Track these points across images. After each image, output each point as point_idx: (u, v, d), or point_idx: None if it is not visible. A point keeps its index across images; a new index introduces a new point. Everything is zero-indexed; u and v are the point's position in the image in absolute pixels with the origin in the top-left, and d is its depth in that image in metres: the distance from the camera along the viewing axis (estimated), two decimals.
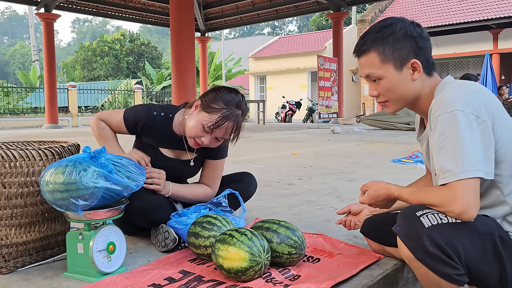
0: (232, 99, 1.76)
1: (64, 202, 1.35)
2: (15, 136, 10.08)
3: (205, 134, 1.74)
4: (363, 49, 1.34)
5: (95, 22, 73.23)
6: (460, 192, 1.12)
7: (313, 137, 8.56)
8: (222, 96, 1.76)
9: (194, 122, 1.75)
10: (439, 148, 1.19)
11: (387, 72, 1.31)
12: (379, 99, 1.37)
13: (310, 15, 36.78)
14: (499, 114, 1.21)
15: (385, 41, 1.30)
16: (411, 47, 1.29)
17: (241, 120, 1.78)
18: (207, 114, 1.73)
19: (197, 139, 1.75)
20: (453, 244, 1.12)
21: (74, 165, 1.36)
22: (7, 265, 1.48)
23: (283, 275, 1.42)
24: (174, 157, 1.93)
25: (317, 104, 13.65)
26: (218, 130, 1.73)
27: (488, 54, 12.49)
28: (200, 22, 17.15)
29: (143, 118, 1.85)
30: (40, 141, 1.84)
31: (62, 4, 14.54)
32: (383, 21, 1.34)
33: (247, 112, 1.94)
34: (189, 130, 1.76)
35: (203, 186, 1.97)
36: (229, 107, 1.73)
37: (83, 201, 1.34)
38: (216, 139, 1.77)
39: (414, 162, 4.32)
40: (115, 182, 1.39)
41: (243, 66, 27.84)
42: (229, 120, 1.72)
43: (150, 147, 1.88)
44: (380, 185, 1.36)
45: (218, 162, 1.98)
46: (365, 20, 20.25)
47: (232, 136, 1.80)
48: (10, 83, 27.00)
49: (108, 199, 1.41)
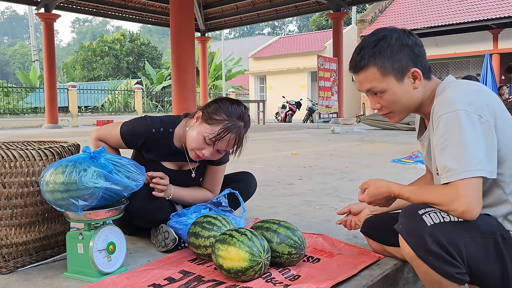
0: (234, 110, 1.72)
1: (64, 202, 1.35)
2: (15, 136, 10.08)
3: (207, 146, 1.70)
4: (361, 64, 1.32)
5: (95, 22, 73.24)
6: (463, 191, 1.13)
7: (313, 137, 8.56)
8: (224, 107, 1.72)
9: (196, 134, 1.71)
10: (441, 147, 1.19)
11: (389, 85, 1.30)
12: (382, 111, 1.37)
13: (310, 15, 36.78)
14: (501, 114, 1.22)
15: (383, 55, 1.29)
16: (408, 56, 1.29)
17: (244, 132, 1.73)
18: (208, 125, 1.69)
19: (198, 151, 1.71)
20: (455, 242, 1.12)
21: (74, 165, 1.36)
22: (7, 265, 1.48)
23: (283, 275, 1.42)
24: (176, 168, 1.90)
25: (317, 104, 13.65)
26: (220, 143, 1.68)
27: (488, 54, 12.48)
28: (200, 22, 17.15)
29: (142, 136, 1.79)
30: (40, 141, 1.84)
31: (62, 4, 14.54)
32: (375, 34, 1.33)
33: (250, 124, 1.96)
34: (190, 142, 1.73)
35: (203, 190, 1.96)
36: (231, 118, 1.69)
37: (83, 201, 1.34)
38: (218, 152, 1.74)
39: (414, 162, 4.32)
40: (115, 182, 1.39)
41: (243, 66, 27.85)
42: (231, 132, 1.68)
43: (151, 161, 1.85)
44: (381, 183, 1.36)
45: (219, 168, 1.96)
46: (365, 20, 20.25)
47: (234, 148, 1.76)
48: (10, 83, 27.02)
49: (108, 199, 1.41)
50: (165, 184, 1.75)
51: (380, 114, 1.40)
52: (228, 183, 2.06)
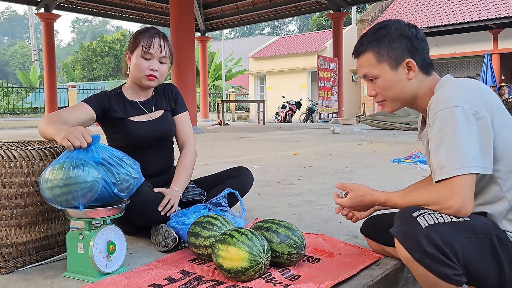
0: (147, 28, 1.94)
1: (64, 198, 1.36)
2: (15, 136, 10.08)
3: (149, 62, 1.87)
4: (360, 50, 1.39)
5: (95, 22, 73.24)
6: (457, 188, 1.13)
7: (313, 137, 8.56)
8: (137, 32, 1.96)
9: (134, 61, 1.88)
10: (437, 144, 1.19)
11: (383, 71, 1.35)
12: (377, 98, 1.41)
13: (310, 15, 36.79)
14: (498, 111, 1.22)
15: (380, 42, 1.34)
16: (406, 47, 1.33)
17: (165, 36, 1.93)
18: (136, 49, 1.88)
19: (147, 71, 1.87)
20: (451, 243, 1.12)
21: (71, 160, 1.37)
22: (7, 265, 1.48)
23: (283, 275, 1.42)
24: (147, 120, 1.97)
25: (317, 104, 13.65)
26: (154, 49, 1.86)
27: (488, 54, 12.51)
28: (200, 22, 17.15)
29: (102, 96, 1.93)
30: (40, 141, 1.84)
31: (62, 4, 14.55)
32: (379, 23, 1.39)
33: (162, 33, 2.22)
34: (136, 71, 1.88)
35: (184, 156, 2.02)
36: (146, 32, 1.90)
37: (83, 196, 1.35)
38: (161, 63, 1.90)
39: (414, 162, 4.32)
40: (113, 174, 1.41)
41: (243, 66, 27.85)
42: (155, 37, 1.88)
43: (120, 120, 1.91)
44: (365, 190, 1.38)
45: (183, 116, 2.09)
46: (365, 20, 20.24)
47: (167, 53, 1.91)
48: (10, 83, 27.06)
49: (106, 195, 1.41)
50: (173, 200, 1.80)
51: (376, 102, 1.44)
52: (225, 179, 2.07)
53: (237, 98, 23.59)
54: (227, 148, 6.38)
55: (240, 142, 7.55)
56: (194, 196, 2.01)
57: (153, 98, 2.02)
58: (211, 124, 14.71)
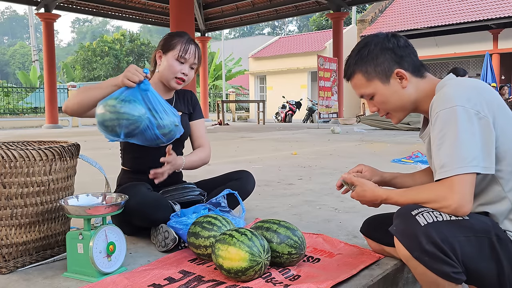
0: (182, 32, 2.01)
1: (111, 123, 1.56)
2: (15, 136, 10.07)
3: (182, 66, 1.94)
4: (348, 73, 1.42)
5: (95, 22, 73.22)
6: (457, 187, 1.14)
7: (313, 137, 8.56)
8: (172, 34, 2.01)
9: (167, 63, 1.94)
10: (438, 143, 1.19)
11: (376, 88, 1.37)
12: (381, 113, 1.44)
13: (310, 15, 36.79)
14: (501, 110, 1.22)
15: (365, 61, 1.37)
16: (391, 58, 1.35)
17: (197, 44, 2.03)
18: (171, 51, 1.94)
19: (178, 74, 1.93)
20: (450, 241, 1.12)
21: (125, 95, 1.59)
22: (7, 265, 1.48)
23: (283, 275, 1.42)
24: None
25: (317, 104, 13.65)
26: (188, 55, 1.94)
27: (488, 54, 12.50)
28: (200, 22, 17.16)
29: None
30: (40, 141, 1.84)
31: (62, 4, 14.55)
32: (359, 43, 1.42)
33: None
34: (167, 72, 1.94)
35: (200, 149, 2.11)
36: (183, 37, 1.97)
37: (126, 126, 1.56)
38: (191, 68, 1.98)
39: (414, 162, 4.33)
40: (158, 114, 1.61)
41: (243, 66, 27.85)
42: (191, 44, 1.97)
43: None
44: (368, 186, 1.39)
45: (200, 122, 2.18)
46: (365, 20, 20.24)
47: (198, 60, 2.01)
48: (10, 83, 27.06)
49: (149, 134, 1.60)
50: (172, 162, 1.84)
51: (381, 116, 1.47)
52: (226, 181, 2.07)
53: (237, 98, 23.59)
54: (227, 148, 6.38)
55: (240, 142, 7.55)
56: (194, 197, 2.01)
57: (173, 100, 2.07)
58: (211, 124, 14.71)
